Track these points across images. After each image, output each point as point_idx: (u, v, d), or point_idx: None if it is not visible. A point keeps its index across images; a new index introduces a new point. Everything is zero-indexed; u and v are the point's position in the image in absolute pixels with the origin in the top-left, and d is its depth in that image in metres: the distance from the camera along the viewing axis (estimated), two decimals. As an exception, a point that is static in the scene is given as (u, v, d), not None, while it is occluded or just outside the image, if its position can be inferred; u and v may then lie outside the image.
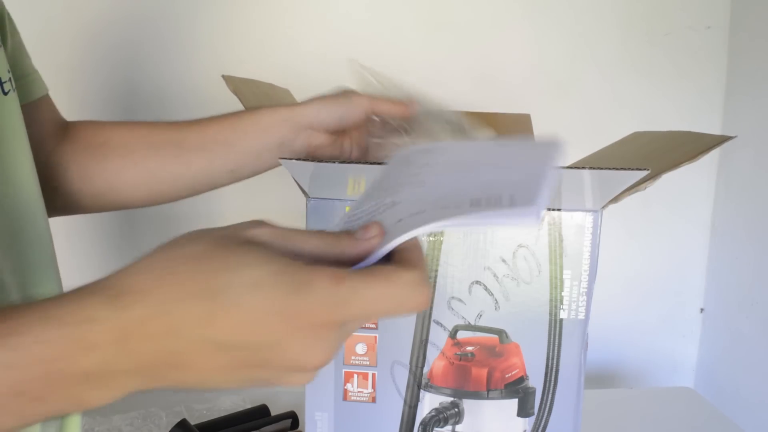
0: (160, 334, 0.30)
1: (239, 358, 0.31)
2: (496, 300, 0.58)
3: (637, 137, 0.77)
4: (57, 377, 0.30)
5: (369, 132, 0.66)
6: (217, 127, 0.64)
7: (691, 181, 1.27)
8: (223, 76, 0.73)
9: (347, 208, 0.60)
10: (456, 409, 0.59)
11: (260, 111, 0.64)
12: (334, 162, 0.54)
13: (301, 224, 0.62)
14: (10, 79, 0.52)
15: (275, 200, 0.99)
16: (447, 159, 0.42)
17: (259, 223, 0.34)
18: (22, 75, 0.60)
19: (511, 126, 0.78)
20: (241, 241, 0.32)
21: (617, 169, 0.50)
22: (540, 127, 0.82)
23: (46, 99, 0.64)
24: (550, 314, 0.58)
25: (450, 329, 0.58)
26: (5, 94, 0.51)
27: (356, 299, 0.31)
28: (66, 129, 0.66)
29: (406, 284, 0.32)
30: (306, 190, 0.60)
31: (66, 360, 0.30)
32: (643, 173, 0.49)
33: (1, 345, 0.30)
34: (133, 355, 0.30)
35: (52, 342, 0.30)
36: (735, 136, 0.59)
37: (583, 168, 0.49)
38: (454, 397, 0.59)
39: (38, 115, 0.61)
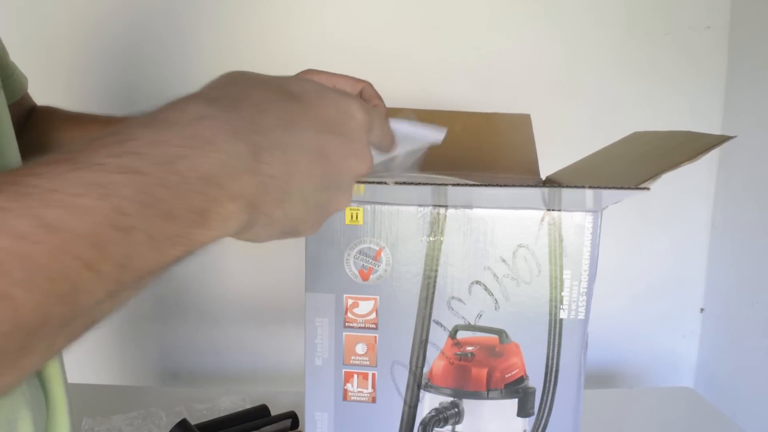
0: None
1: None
2: (496, 300, 0.58)
3: (637, 137, 0.77)
4: (179, 182, 0.27)
5: None
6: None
7: (691, 181, 1.27)
8: None
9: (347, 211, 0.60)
10: (456, 409, 0.59)
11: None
12: None
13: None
14: None
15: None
16: None
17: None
18: (7, 76, 0.60)
19: (511, 126, 0.77)
20: None
21: (618, 188, 0.49)
22: (540, 127, 0.82)
23: (26, 95, 0.66)
24: (550, 314, 0.58)
25: (450, 329, 0.58)
26: None
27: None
28: (29, 115, 0.67)
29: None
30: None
31: (187, 159, 0.27)
32: (643, 192, 0.49)
33: (120, 152, 0.26)
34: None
35: (169, 141, 0.27)
36: (735, 136, 0.59)
37: (584, 187, 0.49)
38: (454, 397, 0.59)
39: (19, 110, 0.63)
